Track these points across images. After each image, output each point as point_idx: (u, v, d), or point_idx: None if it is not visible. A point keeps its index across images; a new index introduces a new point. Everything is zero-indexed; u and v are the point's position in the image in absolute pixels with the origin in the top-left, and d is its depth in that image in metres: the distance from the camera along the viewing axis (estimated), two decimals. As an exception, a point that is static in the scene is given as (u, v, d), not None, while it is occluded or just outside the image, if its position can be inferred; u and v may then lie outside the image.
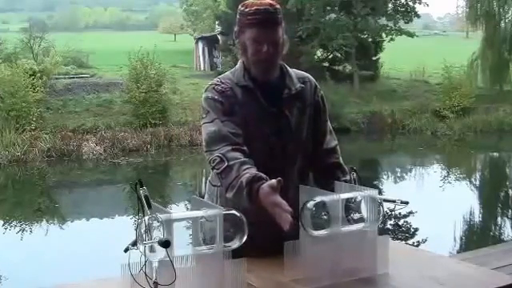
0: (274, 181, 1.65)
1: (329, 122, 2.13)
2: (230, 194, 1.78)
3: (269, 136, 1.93)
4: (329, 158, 2.09)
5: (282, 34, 1.94)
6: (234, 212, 1.58)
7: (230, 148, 1.82)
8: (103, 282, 1.72)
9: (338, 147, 2.13)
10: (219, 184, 1.91)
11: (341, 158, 2.11)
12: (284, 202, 1.63)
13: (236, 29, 1.96)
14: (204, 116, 1.94)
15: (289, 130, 1.95)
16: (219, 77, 2.02)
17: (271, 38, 1.90)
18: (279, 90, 1.97)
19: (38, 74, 15.11)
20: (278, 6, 1.93)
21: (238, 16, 1.95)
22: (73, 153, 13.02)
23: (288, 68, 2.03)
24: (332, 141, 2.11)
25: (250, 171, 1.74)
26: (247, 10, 1.90)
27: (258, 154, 1.90)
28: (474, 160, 14.97)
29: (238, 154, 1.81)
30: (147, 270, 1.43)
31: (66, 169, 12.49)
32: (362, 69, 20.44)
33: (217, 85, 1.96)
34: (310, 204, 1.65)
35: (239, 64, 2.01)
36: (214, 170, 1.85)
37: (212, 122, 1.90)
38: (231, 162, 1.78)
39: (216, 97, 1.93)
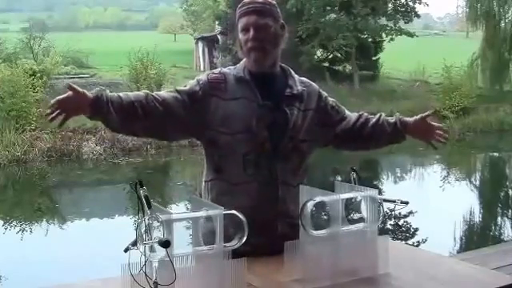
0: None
1: (339, 107, 2.15)
2: None
3: (259, 130, 1.92)
4: (360, 126, 2.12)
5: (276, 25, 1.96)
6: (234, 212, 1.58)
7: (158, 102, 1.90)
8: (103, 282, 1.72)
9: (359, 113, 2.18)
10: (210, 178, 1.99)
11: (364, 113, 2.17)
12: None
13: (235, 30, 2.02)
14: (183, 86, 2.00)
15: (285, 127, 1.94)
16: (223, 68, 2.05)
17: (256, 22, 1.92)
18: (279, 87, 1.99)
19: (38, 74, 15.11)
20: (270, 1, 1.97)
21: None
22: (73, 153, 13.02)
23: (292, 72, 2.06)
24: (350, 113, 2.17)
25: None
26: (239, 5, 1.97)
27: (244, 145, 1.92)
28: (474, 160, 14.97)
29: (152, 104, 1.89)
30: (147, 269, 1.43)
31: (66, 169, 12.50)
32: (362, 69, 20.46)
33: (213, 73, 2.00)
34: (310, 204, 1.65)
35: (243, 60, 2.03)
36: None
37: (173, 91, 1.96)
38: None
39: (201, 82, 1.96)
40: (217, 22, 23.77)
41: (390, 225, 6.71)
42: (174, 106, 1.90)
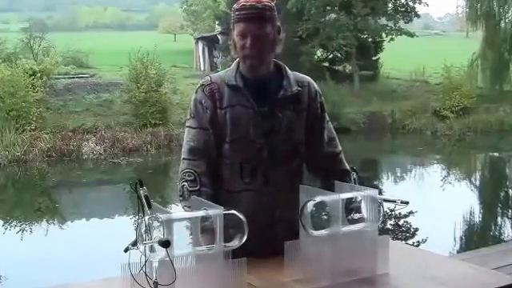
0: None
1: (328, 130, 2.06)
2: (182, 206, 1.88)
3: (257, 137, 1.90)
4: (333, 165, 2.05)
5: (273, 31, 1.91)
6: (234, 212, 1.58)
7: (204, 168, 1.91)
8: (103, 282, 1.72)
9: (341, 155, 2.08)
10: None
11: (346, 165, 2.06)
12: None
13: (230, 27, 1.98)
14: (189, 118, 1.99)
15: (279, 131, 1.92)
16: (211, 75, 2.03)
17: (255, 32, 1.88)
18: (273, 90, 1.95)
19: (38, 74, 15.10)
20: (268, 3, 1.91)
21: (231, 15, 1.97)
22: (73, 153, 13.02)
23: (288, 70, 2.01)
24: (334, 147, 2.07)
25: None
26: (236, 6, 1.92)
27: (244, 154, 1.91)
28: (474, 160, 14.97)
29: (208, 181, 1.90)
30: (147, 269, 1.43)
31: (66, 169, 12.49)
32: (362, 69, 20.44)
33: (206, 85, 1.97)
34: (310, 204, 1.65)
35: (234, 63, 2.00)
36: (184, 183, 1.89)
37: (195, 129, 1.95)
38: (203, 189, 1.87)
39: (203, 100, 1.95)
40: (217, 22, 23.76)
41: (390, 225, 6.70)
42: (211, 145, 1.94)
